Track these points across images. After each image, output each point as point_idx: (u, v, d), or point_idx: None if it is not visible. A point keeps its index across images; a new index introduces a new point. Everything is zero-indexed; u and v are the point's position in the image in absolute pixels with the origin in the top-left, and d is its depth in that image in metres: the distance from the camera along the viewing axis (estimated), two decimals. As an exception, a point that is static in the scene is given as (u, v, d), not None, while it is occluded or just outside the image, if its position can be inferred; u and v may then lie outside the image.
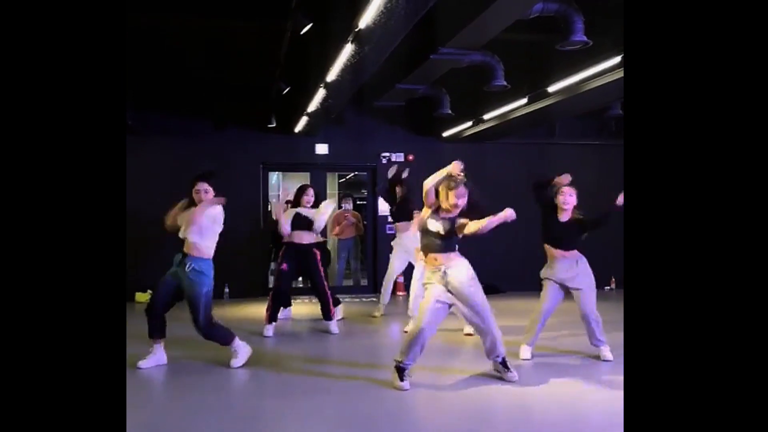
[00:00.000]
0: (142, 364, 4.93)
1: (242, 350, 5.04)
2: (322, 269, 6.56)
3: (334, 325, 6.61)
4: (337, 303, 7.04)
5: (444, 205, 4.34)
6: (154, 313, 4.97)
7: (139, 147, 8.91)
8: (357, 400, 4.07)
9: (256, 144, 9.81)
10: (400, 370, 4.31)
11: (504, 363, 4.51)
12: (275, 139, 9.80)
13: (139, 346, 5.20)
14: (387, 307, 7.82)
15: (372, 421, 3.68)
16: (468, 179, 4.38)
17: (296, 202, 6.55)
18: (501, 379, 4.51)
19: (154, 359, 5.01)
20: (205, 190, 4.90)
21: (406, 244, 7.13)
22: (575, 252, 5.06)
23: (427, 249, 4.40)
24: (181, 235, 4.89)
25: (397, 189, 7.30)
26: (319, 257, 6.55)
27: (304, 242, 6.44)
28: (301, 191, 6.56)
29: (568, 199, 5.00)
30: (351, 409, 3.90)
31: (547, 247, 5.13)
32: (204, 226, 4.78)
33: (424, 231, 4.40)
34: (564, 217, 5.04)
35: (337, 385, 4.43)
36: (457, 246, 4.41)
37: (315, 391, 4.30)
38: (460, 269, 4.33)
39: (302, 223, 6.42)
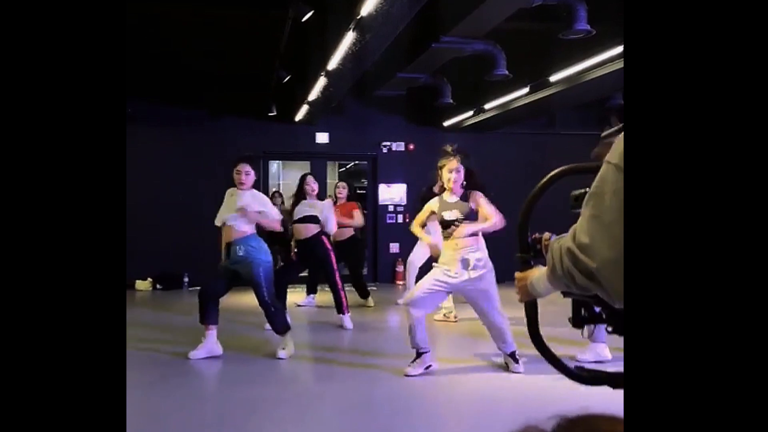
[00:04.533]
0: (193, 354, 4.77)
1: (290, 344, 4.92)
2: (334, 260, 6.32)
3: (347, 320, 6.29)
4: (366, 294, 7.31)
5: (446, 186, 4.39)
6: (204, 298, 4.89)
7: (138, 136, 8.87)
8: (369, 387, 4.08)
9: (257, 133, 9.76)
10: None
11: (512, 355, 4.47)
12: (275, 127, 9.76)
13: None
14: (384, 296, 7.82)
15: (377, 407, 3.69)
16: (464, 155, 4.39)
17: (299, 193, 6.45)
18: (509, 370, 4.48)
19: (206, 349, 4.82)
20: (246, 171, 4.93)
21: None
22: None
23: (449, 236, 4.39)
24: (217, 222, 4.90)
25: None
26: (329, 247, 6.33)
27: (310, 234, 6.28)
28: (302, 181, 6.48)
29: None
30: (359, 395, 3.92)
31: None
32: (254, 211, 4.82)
33: (444, 224, 4.40)
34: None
35: (349, 373, 4.45)
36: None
37: (326, 378, 4.31)
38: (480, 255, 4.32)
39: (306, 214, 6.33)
